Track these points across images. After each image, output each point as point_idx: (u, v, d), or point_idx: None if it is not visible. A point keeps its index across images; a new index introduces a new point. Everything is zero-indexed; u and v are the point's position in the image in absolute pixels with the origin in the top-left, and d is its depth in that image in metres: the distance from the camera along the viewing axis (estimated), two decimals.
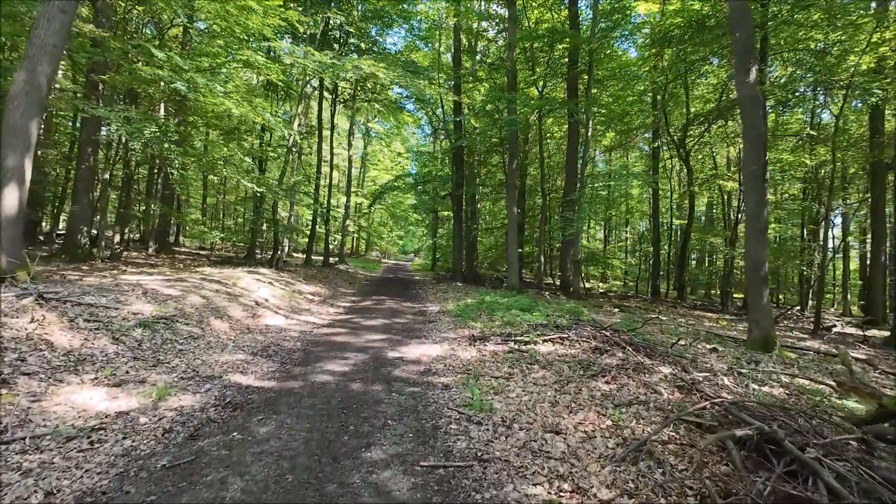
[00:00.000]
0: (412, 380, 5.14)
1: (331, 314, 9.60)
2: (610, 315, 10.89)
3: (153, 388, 4.29)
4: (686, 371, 5.39)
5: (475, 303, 10.68)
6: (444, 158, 21.79)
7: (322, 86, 20.67)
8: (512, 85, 14.79)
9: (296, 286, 12.33)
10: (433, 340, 7.23)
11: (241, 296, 8.98)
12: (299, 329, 7.75)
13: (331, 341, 6.93)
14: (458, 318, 9.12)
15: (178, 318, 6.49)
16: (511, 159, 14.97)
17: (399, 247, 52.04)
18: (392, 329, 8.11)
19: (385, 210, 35.23)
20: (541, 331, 6.95)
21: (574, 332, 6.70)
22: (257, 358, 5.76)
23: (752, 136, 7.71)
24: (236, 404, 4.17)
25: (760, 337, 7.65)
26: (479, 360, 5.92)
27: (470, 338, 7.13)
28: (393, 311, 10.37)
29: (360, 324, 8.54)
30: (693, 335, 8.78)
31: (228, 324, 7.15)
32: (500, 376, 5.20)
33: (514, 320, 7.87)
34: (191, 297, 7.59)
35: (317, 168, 21.12)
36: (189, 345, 5.78)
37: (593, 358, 5.70)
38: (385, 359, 6.00)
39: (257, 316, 8.18)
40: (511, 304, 10.08)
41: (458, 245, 18.40)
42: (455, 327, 8.25)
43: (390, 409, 4.21)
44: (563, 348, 6.16)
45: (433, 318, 9.57)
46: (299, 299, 10.83)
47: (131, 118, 8.20)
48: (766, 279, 7.71)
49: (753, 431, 2.98)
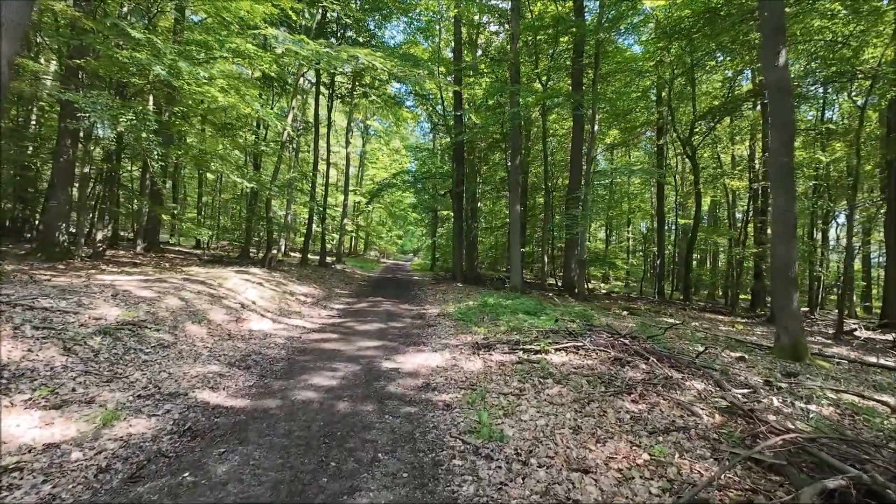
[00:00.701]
0: (409, 397, 4.43)
1: (323, 317, 8.89)
2: (620, 318, 10.19)
3: (100, 412, 3.57)
4: (721, 387, 4.69)
5: (477, 305, 9.98)
6: (443, 155, 21.07)
7: (319, 81, 19.96)
8: (515, 78, 14.09)
9: (288, 287, 11.62)
10: (433, 348, 6.52)
11: (226, 298, 8.26)
12: (286, 335, 7.03)
13: (320, 349, 6.22)
14: (459, 323, 8.41)
15: (149, 323, 5.77)
16: (514, 155, 14.27)
17: (398, 246, 51.31)
18: (388, 335, 7.40)
19: (384, 209, 34.48)
20: (552, 338, 6.25)
21: (589, 340, 6.00)
22: (234, 370, 5.04)
23: (781, 125, 7.02)
24: (197, 431, 3.46)
25: (790, 344, 6.96)
26: (485, 372, 5.21)
27: (473, 345, 6.42)
28: (390, 314, 9.66)
29: (354, 328, 7.82)
30: (713, 341, 8.09)
31: (207, 329, 6.43)
32: (509, 392, 4.49)
33: (520, 325, 7.16)
34: (167, 300, 6.88)
35: (313, 165, 20.39)
36: (156, 355, 5.06)
37: (614, 371, 4.99)
38: (379, 370, 5.29)
39: (241, 320, 7.46)
40: (516, 307, 9.38)
41: (458, 244, 17.70)
42: (456, 332, 7.55)
43: (382, 436, 3.50)
44: (579, 359, 5.45)
45: (433, 321, 8.86)
46: (290, 301, 10.11)
47: (105, 104, 7.47)
48: (795, 281, 7.01)
49: (848, 482, 2.27)
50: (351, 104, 23.61)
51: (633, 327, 8.55)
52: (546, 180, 16.54)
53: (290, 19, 14.39)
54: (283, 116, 15.91)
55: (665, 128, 21.24)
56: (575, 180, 15.44)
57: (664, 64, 18.40)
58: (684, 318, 11.88)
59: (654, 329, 7.81)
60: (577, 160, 15.78)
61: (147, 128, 8.02)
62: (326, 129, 20.51)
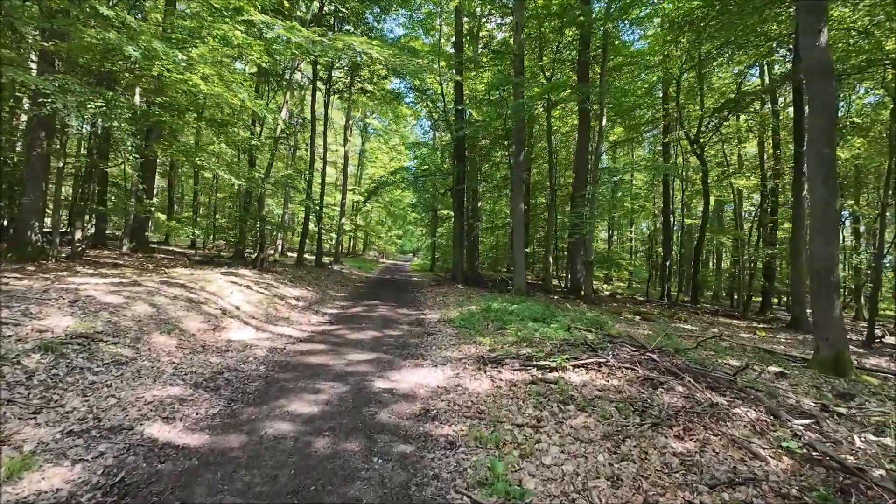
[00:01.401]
0: (404, 430, 3.64)
1: (313, 324, 8.09)
2: (634, 325, 9.40)
3: (8, 459, 2.77)
4: (775, 415, 3.90)
5: (480, 310, 9.18)
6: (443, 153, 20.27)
7: (316, 76, 19.16)
8: (519, 70, 13.29)
9: (278, 290, 10.82)
10: (432, 362, 5.72)
11: (206, 303, 7.46)
12: (269, 345, 6.23)
13: (304, 363, 5.42)
14: (461, 330, 7.62)
15: (106, 335, 4.97)
16: (518, 151, 13.47)
17: (398, 246, 50.52)
18: (383, 345, 6.60)
19: (383, 209, 33.69)
20: (568, 352, 5.45)
21: (612, 355, 5.20)
22: (199, 392, 4.25)
23: (822, 111, 6.23)
24: (131, 485, 2.67)
25: (831, 357, 6.17)
26: (494, 394, 4.42)
27: (478, 359, 5.62)
28: (386, 319, 8.86)
29: (346, 337, 7.02)
30: (740, 351, 7.30)
31: (177, 341, 5.63)
32: (525, 423, 3.70)
33: (530, 336, 6.36)
34: (136, 307, 6.08)
35: (309, 163, 19.61)
36: (107, 374, 4.27)
37: (646, 394, 4.20)
38: (369, 392, 4.50)
39: (220, 328, 6.66)
40: (522, 312, 8.58)
41: (458, 244, 16.91)
42: (459, 342, 6.75)
43: (368, 492, 2.71)
44: (602, 378, 4.66)
45: (432, 329, 8.07)
46: (279, 305, 9.31)
47: (69, 89, 6.66)
48: (837, 286, 6.23)
49: None
50: (349, 100, 22.83)
51: (652, 336, 7.76)
52: (551, 178, 15.72)
53: (284, 8, 13.63)
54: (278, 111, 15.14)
55: (671, 125, 20.47)
56: (581, 178, 14.65)
57: (671, 58, 17.65)
58: (698, 322, 11.09)
59: (677, 340, 7.01)
60: (583, 157, 14.99)
61: (119, 116, 7.21)
62: (323, 126, 19.69)
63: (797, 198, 11.26)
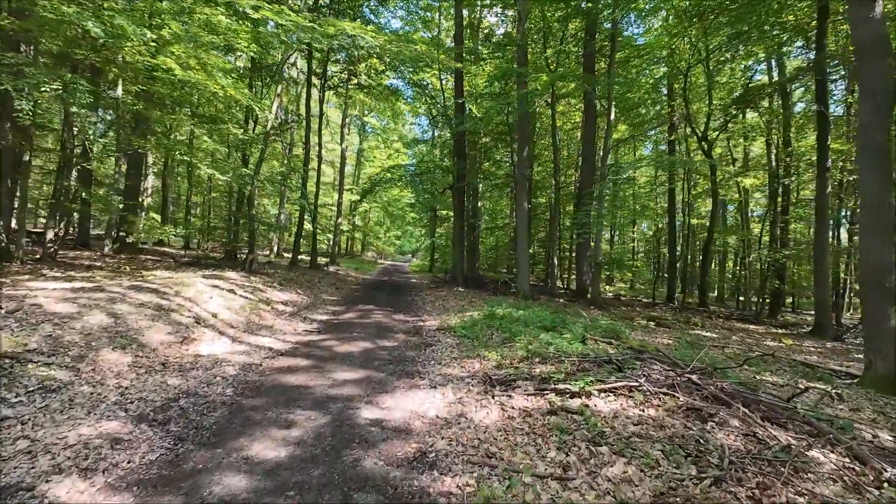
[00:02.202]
0: (393, 486, 2.79)
1: (298, 333, 7.23)
2: (650, 332, 8.56)
3: None
4: (861, 459, 3.07)
5: (483, 317, 8.34)
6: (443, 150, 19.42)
7: (310, 71, 18.32)
8: (522, 61, 12.45)
9: (265, 294, 9.96)
10: (431, 382, 4.88)
11: (178, 310, 6.60)
12: (244, 361, 5.38)
13: (281, 384, 4.57)
14: (463, 341, 6.77)
15: (39, 353, 4.12)
16: (522, 146, 12.63)
17: (396, 247, 49.61)
18: (375, 359, 5.75)
19: (381, 209, 32.75)
20: (590, 372, 4.60)
21: (643, 376, 4.35)
22: (141, 428, 3.39)
23: (876, 93, 5.40)
24: None
25: (886, 374, 5.34)
26: (505, 428, 3.58)
27: (484, 379, 4.78)
28: (380, 327, 8.00)
29: (333, 350, 6.17)
30: (775, 364, 6.47)
31: (132, 357, 4.77)
32: (548, 474, 2.86)
33: (542, 350, 5.51)
34: (90, 316, 5.23)
35: (304, 160, 18.72)
36: (28, 406, 3.41)
37: (696, 430, 3.36)
38: (354, 425, 3.65)
39: (189, 340, 5.80)
40: (529, 320, 7.74)
41: (458, 245, 16.06)
42: (461, 356, 5.90)
43: None
44: (636, 407, 3.81)
45: (431, 338, 7.22)
46: (264, 312, 8.45)
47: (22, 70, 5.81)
48: (892, 292, 5.38)
49: None
50: (345, 97, 21.97)
51: (679, 349, 6.94)
52: (555, 175, 14.87)
53: None
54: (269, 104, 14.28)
55: (677, 123, 19.68)
56: (587, 175, 13.83)
57: (678, 53, 16.87)
58: (717, 329, 10.26)
59: (709, 354, 6.16)
60: (589, 153, 14.18)
61: (78, 101, 6.36)
62: (318, 123, 18.84)
63: (820, 195, 10.45)
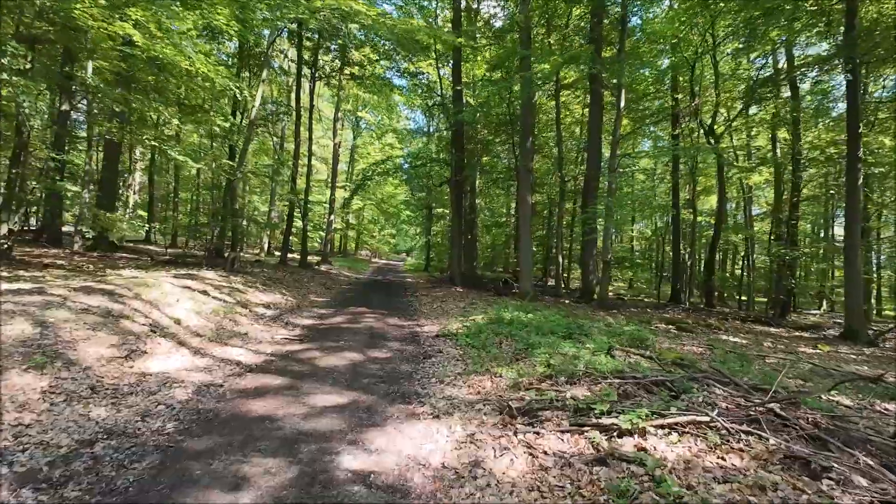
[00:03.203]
0: None
1: (277, 342, 6.16)
2: (674, 338, 7.58)
3: None
4: None
5: (488, 321, 7.32)
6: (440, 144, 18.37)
7: (300, 60, 17.19)
8: (526, 44, 11.46)
9: (245, 295, 8.87)
10: (433, 408, 3.84)
11: (132, 316, 5.51)
12: (202, 380, 4.32)
13: (240, 415, 3.51)
14: (469, 351, 5.74)
15: None
16: (525, 136, 11.64)
17: (391, 246, 48.43)
18: (363, 376, 4.71)
19: (375, 206, 31.63)
20: (637, 397, 3.59)
21: (706, 403, 3.35)
22: (20, 496, 2.33)
23: None
24: None
25: None
26: (538, 486, 2.56)
27: (500, 405, 3.76)
28: (372, 333, 6.95)
29: (315, 363, 5.12)
30: (838, 381, 5.51)
31: (51, 379, 3.68)
32: None
33: (568, 365, 4.48)
34: (8, 326, 4.14)
35: (294, 154, 17.60)
36: None
37: (811, 494, 2.35)
38: (330, 482, 2.61)
39: (138, 354, 4.72)
40: (541, 324, 6.74)
41: (456, 243, 15.04)
42: (467, 371, 4.88)
43: None
44: (711, 451, 2.81)
45: (430, 347, 6.18)
46: (240, 316, 7.37)
47: None
48: None
49: None
50: (338, 88, 20.85)
51: (718, 359, 5.96)
52: (560, 167, 13.86)
53: None
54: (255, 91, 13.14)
55: (681, 116, 18.80)
56: (593, 168, 12.86)
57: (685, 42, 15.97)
58: (742, 334, 9.31)
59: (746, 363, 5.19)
60: (595, 146, 13.21)
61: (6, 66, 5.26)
62: (309, 114, 17.72)
63: (851, 189, 9.53)
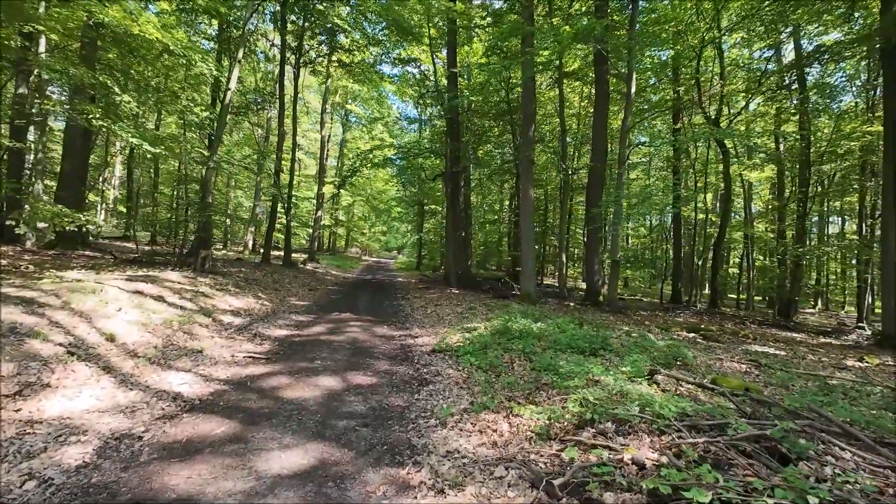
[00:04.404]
0: None
1: (236, 362, 4.93)
2: (706, 350, 6.50)
3: None
4: None
5: (492, 331, 6.17)
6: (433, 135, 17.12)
7: (284, 44, 15.83)
8: (529, 20, 10.32)
9: (212, 300, 7.60)
10: (432, 479, 2.66)
11: (44, 333, 4.25)
12: (115, 428, 3.10)
13: (147, 500, 2.31)
14: (474, 375, 4.57)
15: None
16: (527, 124, 10.51)
17: (382, 243, 47.07)
18: (339, 416, 3.52)
19: (365, 203, 30.26)
20: (728, 462, 2.46)
21: (840, 477, 2.23)
22: None
23: None
24: None
25: None
26: None
27: (530, 472, 2.60)
28: (356, 349, 5.75)
29: (278, 395, 3.91)
30: None
31: None
32: None
33: (608, 401, 3.32)
34: None
35: (277, 146, 16.25)
36: None
37: None
38: None
39: (36, 387, 3.47)
40: (556, 337, 5.60)
41: (451, 240, 13.85)
42: (475, 408, 3.70)
43: None
44: None
45: (426, 368, 5.01)
46: (200, 327, 6.11)
47: None
48: None
49: None
50: (326, 76, 19.47)
51: (764, 378, 4.89)
52: (563, 159, 12.72)
53: None
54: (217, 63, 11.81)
55: (683, 111, 17.87)
56: (598, 158, 11.76)
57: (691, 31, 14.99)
58: (772, 342, 8.29)
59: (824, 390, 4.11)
60: (601, 133, 12.11)
61: None
62: (293, 101, 16.38)
63: (888, 184, 8.54)
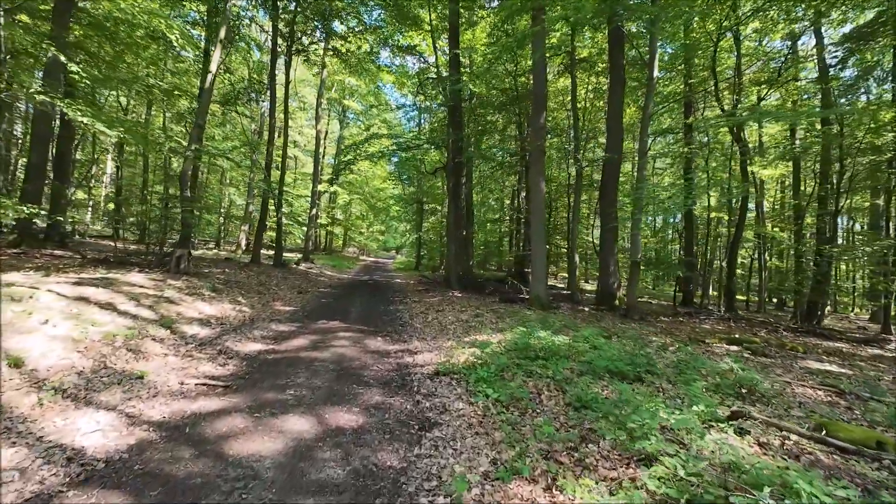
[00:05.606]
0: None
1: (184, 393, 3.79)
2: (758, 367, 5.39)
3: None
4: None
5: (508, 347, 5.05)
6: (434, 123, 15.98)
7: (276, 31, 14.69)
8: None
9: (178, 307, 6.45)
10: None
11: None
12: None
13: None
14: (492, 410, 3.44)
15: None
16: (538, 109, 9.40)
17: (380, 243, 45.88)
18: (303, 491, 2.39)
19: (363, 201, 29.10)
20: None
21: None
22: None
23: None
24: None
25: None
26: None
27: None
28: (341, 372, 4.62)
29: (222, 452, 2.78)
30: None
31: None
32: None
33: (702, 471, 2.23)
34: None
35: (268, 139, 15.10)
36: None
37: None
38: None
39: None
40: (590, 356, 4.49)
41: (453, 237, 12.72)
42: (500, 473, 2.58)
43: None
44: None
45: (429, 401, 3.87)
46: (153, 341, 4.96)
47: None
48: None
49: None
50: (321, 66, 18.31)
51: (855, 411, 3.78)
52: (575, 151, 11.60)
53: None
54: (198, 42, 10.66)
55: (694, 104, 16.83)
56: (613, 146, 10.64)
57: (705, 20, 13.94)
58: (822, 354, 7.19)
59: None
60: (616, 126, 11.01)
61: None
62: (284, 91, 15.23)
63: None
